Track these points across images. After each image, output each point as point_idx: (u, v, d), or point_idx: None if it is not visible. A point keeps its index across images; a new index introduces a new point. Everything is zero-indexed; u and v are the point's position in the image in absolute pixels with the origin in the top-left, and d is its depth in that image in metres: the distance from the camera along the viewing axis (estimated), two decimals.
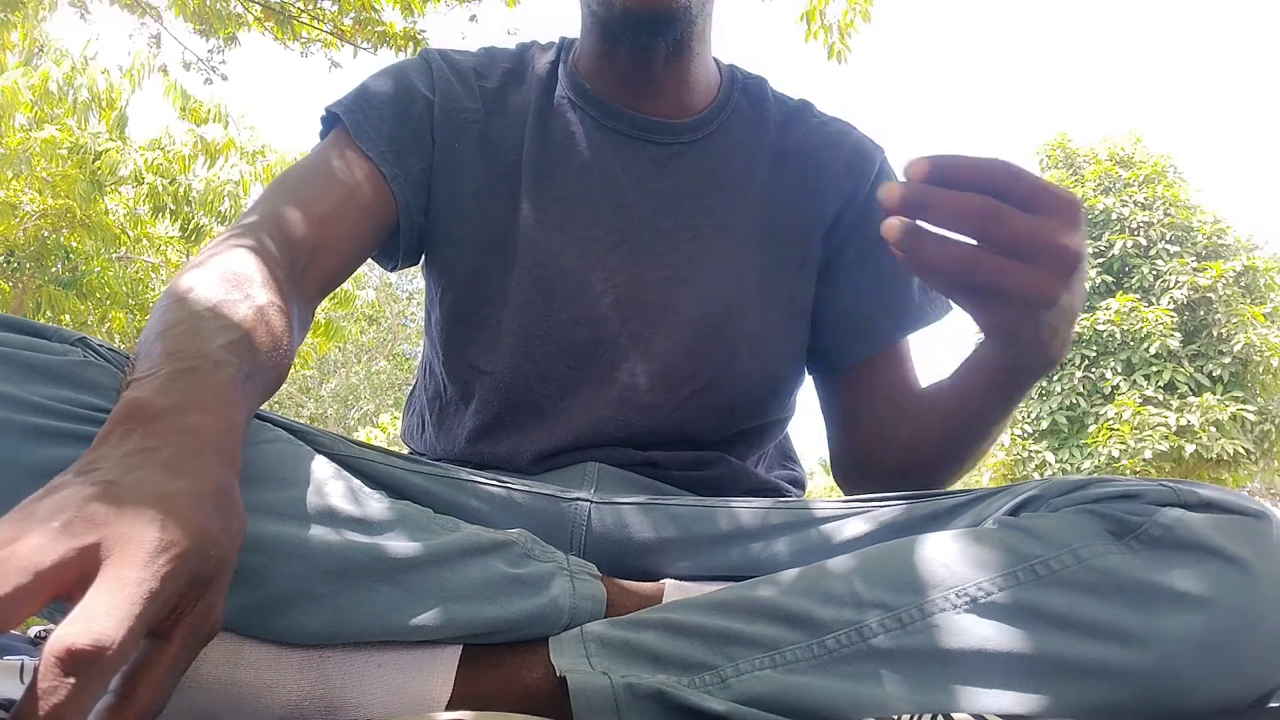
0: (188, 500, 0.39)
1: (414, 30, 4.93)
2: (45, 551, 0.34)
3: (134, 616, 0.34)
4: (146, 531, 0.36)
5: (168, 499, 0.38)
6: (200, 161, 6.35)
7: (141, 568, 0.35)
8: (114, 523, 0.36)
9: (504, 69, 0.88)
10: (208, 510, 0.40)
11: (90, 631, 0.32)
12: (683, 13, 0.78)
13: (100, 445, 0.42)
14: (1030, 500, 0.60)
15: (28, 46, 5.90)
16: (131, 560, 0.35)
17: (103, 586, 0.34)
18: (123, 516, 0.36)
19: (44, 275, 7.16)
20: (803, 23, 4.10)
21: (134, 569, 0.35)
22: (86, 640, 0.32)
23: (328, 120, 0.83)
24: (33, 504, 0.37)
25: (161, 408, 0.44)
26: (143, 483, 0.39)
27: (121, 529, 0.36)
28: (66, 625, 0.33)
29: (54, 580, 0.34)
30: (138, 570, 0.35)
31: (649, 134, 0.84)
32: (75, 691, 0.32)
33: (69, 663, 0.32)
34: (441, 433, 0.85)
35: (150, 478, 0.39)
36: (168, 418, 0.44)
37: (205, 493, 0.41)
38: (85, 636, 0.32)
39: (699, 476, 0.79)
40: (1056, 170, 14.31)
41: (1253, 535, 0.54)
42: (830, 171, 0.87)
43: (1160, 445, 11.40)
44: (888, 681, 0.51)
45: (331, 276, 0.75)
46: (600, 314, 0.79)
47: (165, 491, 0.39)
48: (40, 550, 0.34)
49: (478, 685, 0.52)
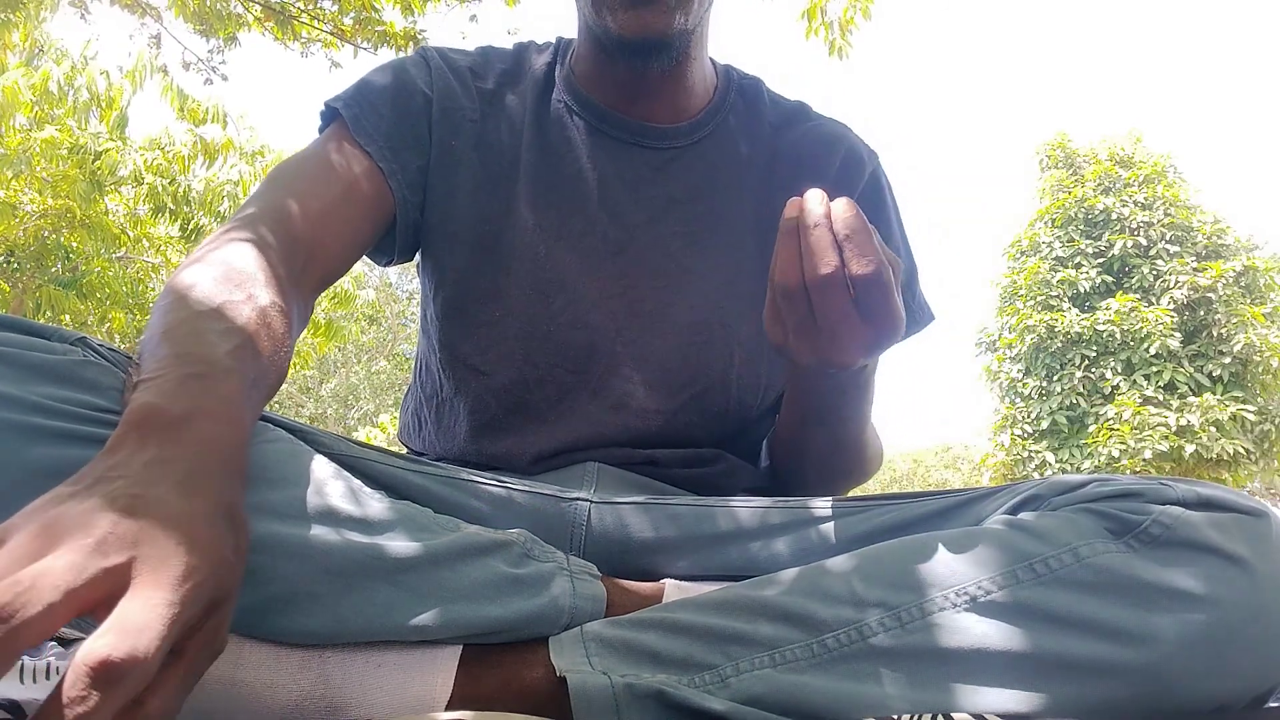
0: (205, 521, 0.40)
1: (414, 30, 4.93)
2: (78, 570, 0.35)
3: (162, 636, 0.35)
4: (175, 555, 0.37)
5: (189, 519, 0.39)
6: (200, 162, 6.36)
7: (171, 591, 0.36)
8: (145, 544, 0.37)
9: (500, 70, 0.88)
10: (222, 532, 0.41)
11: (125, 645, 0.33)
12: (679, 37, 0.78)
13: (117, 450, 0.43)
14: (1030, 499, 0.60)
15: (28, 47, 5.90)
16: (161, 583, 0.36)
17: (135, 604, 0.35)
18: (154, 538, 0.37)
19: (44, 275, 7.16)
20: (804, 20, 4.11)
21: (164, 591, 0.36)
22: (122, 653, 0.33)
23: (327, 114, 0.83)
24: (56, 509, 0.37)
25: (175, 415, 0.45)
26: (165, 500, 0.40)
27: (152, 551, 0.37)
28: (100, 637, 0.33)
29: (84, 599, 0.35)
30: (167, 593, 0.36)
31: (644, 139, 0.84)
32: (102, 702, 0.32)
33: (101, 674, 0.32)
34: (440, 431, 0.85)
35: (171, 494, 0.40)
36: (182, 426, 0.44)
37: (219, 512, 0.42)
38: (120, 650, 0.33)
39: (699, 474, 0.79)
40: (1056, 170, 14.31)
41: (1252, 534, 0.54)
42: (823, 175, 0.86)
43: (1160, 445, 11.41)
44: (887, 680, 0.51)
45: (330, 271, 0.75)
46: (596, 321, 0.79)
47: (187, 511, 0.40)
48: (73, 569, 0.35)
49: (478, 685, 0.52)
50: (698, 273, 0.81)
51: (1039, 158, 14.79)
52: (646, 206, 0.83)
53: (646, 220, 0.82)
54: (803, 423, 0.79)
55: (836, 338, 0.59)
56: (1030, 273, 13.58)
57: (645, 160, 0.84)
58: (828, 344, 0.60)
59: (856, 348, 0.60)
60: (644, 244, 0.81)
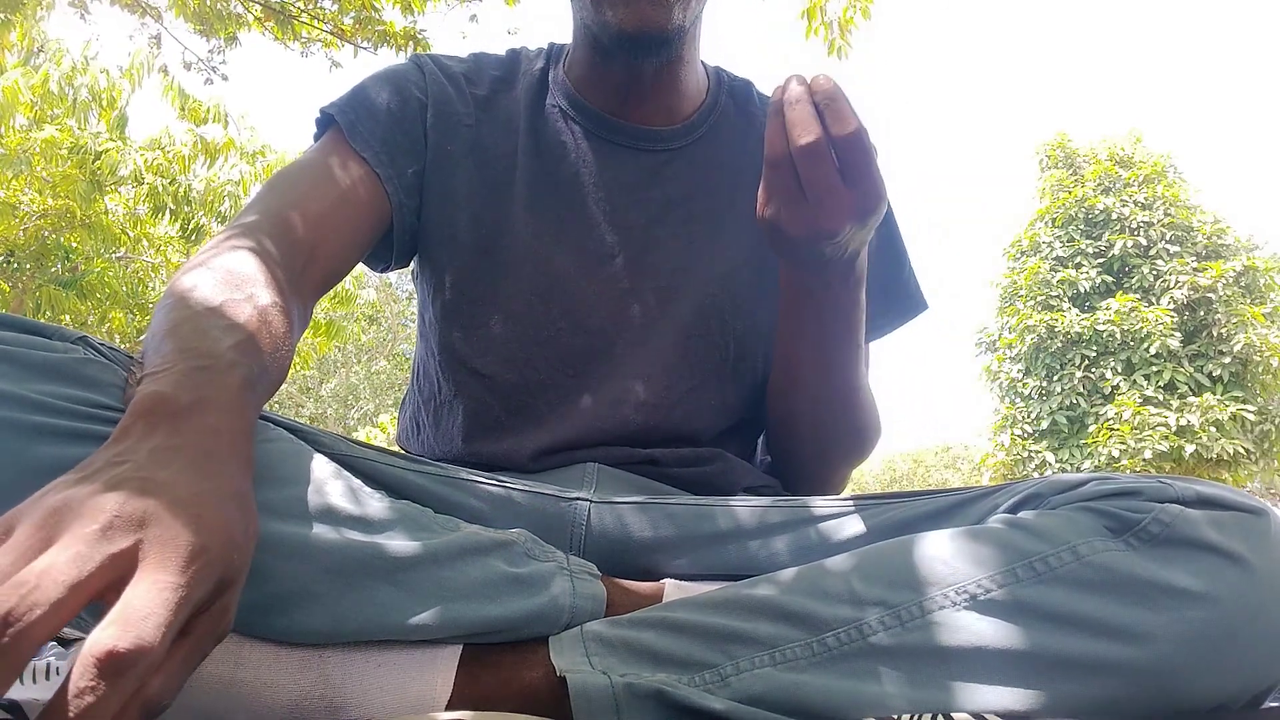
0: (215, 503, 0.40)
1: (414, 30, 4.93)
2: (84, 562, 0.34)
3: (169, 622, 0.34)
4: (181, 535, 0.37)
5: (197, 501, 0.39)
6: (200, 161, 6.36)
7: (178, 573, 0.36)
8: (151, 525, 0.37)
9: (494, 76, 0.88)
10: (231, 513, 0.41)
11: (130, 635, 0.33)
12: (677, 32, 0.78)
13: (124, 437, 0.43)
14: (1030, 498, 0.60)
15: (27, 46, 5.90)
16: (168, 564, 0.36)
17: (140, 589, 0.35)
18: (160, 519, 0.37)
19: (44, 275, 7.16)
20: (804, 20, 4.11)
21: (170, 573, 0.36)
22: (128, 643, 0.33)
23: (323, 121, 0.83)
24: (62, 494, 0.37)
25: (183, 403, 0.45)
26: (174, 483, 0.39)
27: (159, 532, 0.37)
28: (105, 628, 0.33)
29: (90, 590, 0.34)
30: (174, 575, 0.36)
31: (640, 142, 0.85)
32: (109, 692, 0.32)
33: (108, 664, 0.32)
34: (439, 434, 0.85)
35: (180, 477, 0.40)
36: (190, 415, 0.45)
37: (228, 495, 0.42)
38: (127, 640, 0.33)
39: (698, 473, 0.79)
40: (1056, 170, 14.32)
41: (1251, 532, 0.54)
42: None
43: (1160, 445, 11.41)
44: (887, 679, 0.51)
45: (329, 276, 0.75)
46: (596, 324, 0.80)
47: (195, 492, 0.40)
48: (79, 561, 0.34)
49: (478, 685, 0.52)
50: (696, 272, 0.82)
51: (1039, 158, 14.79)
52: (643, 209, 0.83)
53: (644, 223, 0.83)
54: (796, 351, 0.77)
55: (823, 204, 0.63)
56: (1030, 273, 13.59)
57: (641, 163, 0.85)
58: (815, 211, 0.63)
59: (843, 212, 0.63)
60: (641, 246, 0.82)
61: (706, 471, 0.80)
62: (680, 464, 0.79)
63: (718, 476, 0.80)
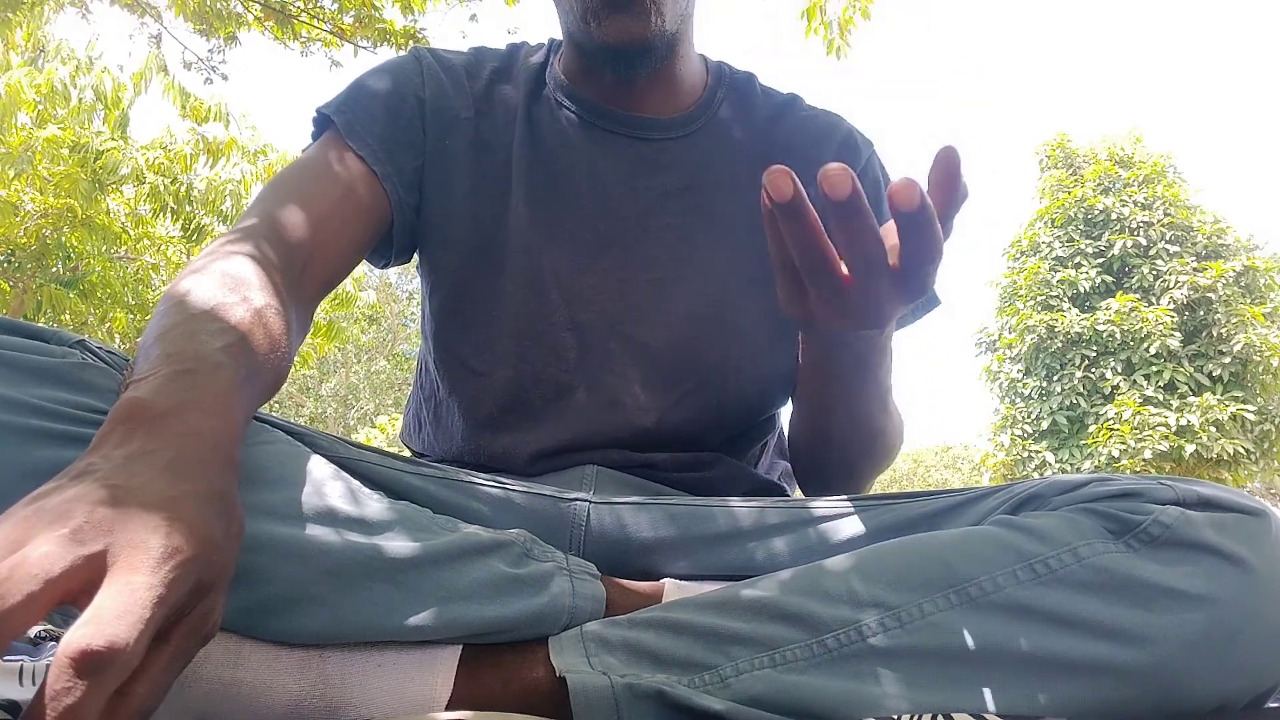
0: (191, 505, 0.40)
1: (414, 29, 4.93)
2: (54, 560, 0.34)
3: (144, 620, 0.34)
4: (153, 538, 0.37)
5: (172, 504, 0.39)
6: (202, 161, 6.36)
7: (150, 573, 0.35)
8: (121, 529, 0.36)
9: (492, 68, 0.88)
10: (210, 515, 0.40)
11: (104, 634, 0.33)
12: (659, 39, 0.77)
13: (101, 445, 0.42)
14: (1030, 499, 0.60)
15: (31, 47, 5.90)
16: (139, 566, 0.36)
17: (112, 590, 0.34)
18: (129, 522, 0.37)
19: (45, 275, 7.15)
20: (803, 19, 4.11)
21: (142, 574, 0.35)
22: (101, 642, 0.32)
23: (319, 121, 0.83)
24: (35, 504, 0.37)
25: (162, 408, 0.45)
26: (147, 487, 0.39)
27: (128, 535, 0.36)
28: (79, 628, 0.33)
29: (63, 588, 0.34)
30: (146, 576, 0.35)
31: (636, 131, 0.84)
32: (87, 693, 0.32)
33: (82, 664, 0.32)
34: (439, 431, 0.85)
35: (154, 482, 0.40)
36: (168, 419, 0.44)
37: (207, 497, 0.41)
38: (99, 638, 0.33)
39: (697, 478, 0.79)
40: (1056, 170, 14.31)
41: (1252, 533, 0.54)
42: (820, 163, 0.86)
43: (1160, 445, 11.41)
44: (887, 680, 0.51)
45: (330, 277, 0.75)
46: (589, 319, 0.79)
47: (170, 496, 0.39)
48: (49, 558, 0.34)
49: (478, 685, 0.52)
50: (693, 265, 0.81)
51: (1039, 158, 14.79)
52: (640, 199, 0.82)
53: (640, 213, 0.82)
54: (822, 407, 0.75)
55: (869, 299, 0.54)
56: (1030, 273, 13.58)
57: (638, 153, 0.84)
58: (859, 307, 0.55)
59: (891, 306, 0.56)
60: (638, 237, 0.81)
61: (706, 477, 0.79)
62: (680, 468, 0.79)
63: (718, 482, 0.79)
